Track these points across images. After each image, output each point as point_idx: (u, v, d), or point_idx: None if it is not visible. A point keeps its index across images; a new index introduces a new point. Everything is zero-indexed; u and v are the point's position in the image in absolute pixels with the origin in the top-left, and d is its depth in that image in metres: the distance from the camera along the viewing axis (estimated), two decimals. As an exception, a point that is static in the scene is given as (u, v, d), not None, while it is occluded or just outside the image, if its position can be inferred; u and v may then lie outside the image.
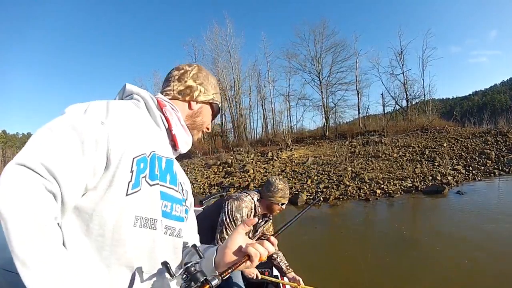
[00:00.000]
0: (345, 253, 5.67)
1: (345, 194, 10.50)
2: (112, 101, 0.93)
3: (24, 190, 0.67)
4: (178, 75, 1.17)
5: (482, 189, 9.87)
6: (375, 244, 5.96)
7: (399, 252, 5.48)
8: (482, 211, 7.57)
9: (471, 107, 34.80)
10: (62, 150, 0.74)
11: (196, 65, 1.22)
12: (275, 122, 30.69)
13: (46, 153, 0.72)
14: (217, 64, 31.14)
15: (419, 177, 11.42)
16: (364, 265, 4.93)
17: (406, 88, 26.14)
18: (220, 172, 18.18)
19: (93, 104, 0.88)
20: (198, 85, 1.18)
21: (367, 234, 6.85)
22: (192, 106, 1.18)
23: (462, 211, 7.73)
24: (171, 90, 1.15)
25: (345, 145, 19.46)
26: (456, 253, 5.18)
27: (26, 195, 0.66)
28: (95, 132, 0.80)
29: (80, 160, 0.76)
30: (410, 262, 4.99)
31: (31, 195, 0.67)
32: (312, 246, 6.26)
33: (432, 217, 7.78)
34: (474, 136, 17.05)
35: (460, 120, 22.88)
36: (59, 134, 0.76)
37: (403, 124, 23.26)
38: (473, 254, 5.07)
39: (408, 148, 16.49)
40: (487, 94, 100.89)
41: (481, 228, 6.33)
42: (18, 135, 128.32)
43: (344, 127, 26.94)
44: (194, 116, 1.20)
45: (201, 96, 1.19)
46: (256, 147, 24.47)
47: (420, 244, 5.70)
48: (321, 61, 28.26)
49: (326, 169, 14.39)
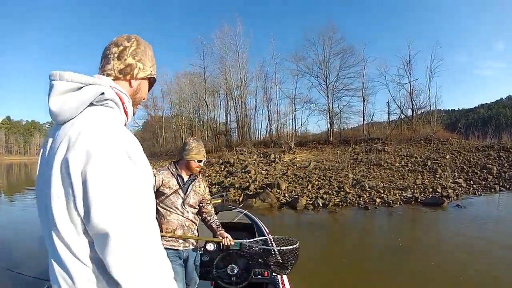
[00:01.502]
0: (343, 260, 5.72)
1: (344, 201, 10.54)
2: (127, 143, 0.92)
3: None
4: (117, 53, 1.14)
5: (482, 204, 9.89)
6: (370, 254, 6.00)
7: (394, 263, 5.50)
8: (480, 227, 7.61)
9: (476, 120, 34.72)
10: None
11: (135, 39, 1.18)
12: (280, 124, 30.71)
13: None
14: (224, 63, 31.25)
15: (420, 188, 11.46)
16: (359, 274, 5.00)
17: (412, 98, 26.18)
18: (222, 171, 18.25)
19: (131, 151, 0.91)
20: (137, 61, 1.16)
21: (363, 243, 6.88)
22: (132, 84, 1.17)
23: (460, 226, 7.74)
24: (112, 70, 1.13)
25: (348, 151, 19.49)
26: (451, 269, 5.21)
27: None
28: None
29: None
30: (404, 275, 5.02)
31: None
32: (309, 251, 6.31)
33: (430, 230, 7.81)
34: (477, 150, 17.06)
35: (464, 133, 22.90)
36: (133, 201, 0.88)
37: (407, 134, 23.29)
38: (468, 271, 5.08)
39: (411, 158, 16.52)
40: (493, 107, 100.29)
41: (478, 245, 6.32)
42: (22, 122, 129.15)
43: (348, 133, 26.98)
44: (134, 93, 1.20)
45: (140, 73, 1.17)
46: (259, 148, 24.54)
47: (416, 257, 5.71)
48: (328, 66, 28.29)
49: (328, 174, 14.44)
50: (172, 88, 39.22)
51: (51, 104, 0.93)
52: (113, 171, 0.85)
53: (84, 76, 0.97)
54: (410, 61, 26.54)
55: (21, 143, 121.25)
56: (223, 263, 2.76)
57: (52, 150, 0.92)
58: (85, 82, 0.96)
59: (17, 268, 4.14)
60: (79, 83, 0.95)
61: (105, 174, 0.84)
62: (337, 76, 28.30)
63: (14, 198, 14.94)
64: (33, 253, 5.98)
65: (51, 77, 0.95)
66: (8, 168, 47.54)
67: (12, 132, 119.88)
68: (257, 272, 2.80)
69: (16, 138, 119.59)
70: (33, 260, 5.58)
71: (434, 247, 6.22)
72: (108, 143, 0.87)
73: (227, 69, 30.74)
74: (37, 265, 5.30)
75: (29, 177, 32.61)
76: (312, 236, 7.34)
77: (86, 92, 0.95)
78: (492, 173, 12.91)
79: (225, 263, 2.75)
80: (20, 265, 5.23)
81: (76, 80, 0.95)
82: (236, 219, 4.35)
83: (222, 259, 2.77)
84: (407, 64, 26.57)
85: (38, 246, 6.32)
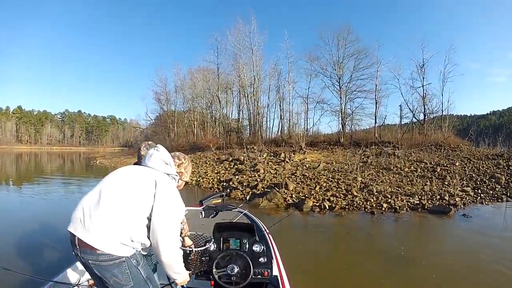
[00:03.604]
0: (343, 266, 5.83)
1: (351, 205, 10.63)
2: (177, 192, 2.17)
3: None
4: (178, 163, 2.41)
5: (489, 214, 9.85)
6: (373, 260, 6.05)
7: (395, 271, 5.53)
8: (486, 238, 7.55)
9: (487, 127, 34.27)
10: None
11: (187, 161, 2.52)
12: (292, 123, 30.79)
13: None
14: (238, 60, 31.42)
15: (427, 195, 11.49)
16: (359, 280, 5.13)
17: (424, 102, 26.07)
18: (231, 169, 18.50)
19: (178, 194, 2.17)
20: (186, 173, 2.50)
21: (366, 249, 6.94)
22: (182, 178, 2.46)
23: (466, 237, 7.73)
24: (176, 171, 2.33)
25: (358, 154, 19.55)
26: (452, 281, 5.19)
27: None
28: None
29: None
30: (404, 283, 5.08)
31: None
32: (310, 253, 6.44)
33: (434, 239, 7.83)
34: (487, 158, 17.00)
35: (475, 140, 22.71)
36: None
37: (418, 138, 23.24)
38: (471, 284, 5.08)
39: (420, 164, 16.54)
40: (504, 115, 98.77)
41: (482, 258, 6.19)
42: (34, 112, 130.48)
43: (359, 135, 26.98)
44: (178, 186, 2.40)
45: (183, 177, 2.48)
46: (270, 146, 24.69)
47: (418, 267, 5.69)
48: (342, 67, 28.34)
49: (336, 176, 14.55)
50: (186, 83, 39.56)
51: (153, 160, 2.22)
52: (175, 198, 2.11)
53: (172, 169, 2.27)
54: (424, 65, 26.39)
55: (31, 132, 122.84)
56: (223, 263, 2.83)
57: (141, 174, 2.09)
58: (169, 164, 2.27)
59: (15, 267, 4.25)
60: (168, 165, 2.24)
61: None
62: (351, 77, 28.36)
63: (13, 195, 14.81)
64: (32, 252, 6.07)
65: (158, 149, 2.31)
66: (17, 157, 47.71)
67: (23, 121, 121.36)
68: (257, 272, 2.82)
69: (27, 127, 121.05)
70: (32, 258, 5.70)
71: (436, 257, 6.19)
72: (173, 188, 2.13)
73: (241, 66, 30.90)
74: (36, 264, 5.42)
75: (39, 166, 33.11)
76: (315, 239, 7.45)
77: (170, 170, 2.23)
78: (500, 182, 12.87)
79: (225, 263, 2.82)
80: (18, 264, 5.33)
81: (170, 164, 2.28)
82: (236, 219, 4.41)
83: (222, 259, 2.85)
84: (421, 68, 26.49)
85: (38, 245, 6.45)
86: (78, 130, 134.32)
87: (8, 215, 9.70)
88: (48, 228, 7.58)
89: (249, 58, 31.00)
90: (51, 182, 18.41)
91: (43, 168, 31.17)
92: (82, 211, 1.88)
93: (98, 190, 1.96)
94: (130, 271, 1.92)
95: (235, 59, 31.96)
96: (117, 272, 1.88)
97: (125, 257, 1.90)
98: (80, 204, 1.93)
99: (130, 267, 1.93)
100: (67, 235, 1.92)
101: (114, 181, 2.02)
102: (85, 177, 22.87)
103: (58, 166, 33.97)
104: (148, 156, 2.22)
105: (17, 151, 77.18)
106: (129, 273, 1.92)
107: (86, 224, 1.84)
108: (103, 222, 1.83)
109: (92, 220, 1.84)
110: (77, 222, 1.87)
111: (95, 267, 1.87)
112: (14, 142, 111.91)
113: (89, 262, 1.87)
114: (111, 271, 1.87)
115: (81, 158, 49.93)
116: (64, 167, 33.29)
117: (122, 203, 1.90)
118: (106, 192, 1.93)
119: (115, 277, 1.89)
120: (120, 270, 1.89)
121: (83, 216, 1.86)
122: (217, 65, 34.94)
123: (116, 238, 1.85)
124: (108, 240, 1.83)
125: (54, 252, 6.01)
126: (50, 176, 22.51)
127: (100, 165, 33.44)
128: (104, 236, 1.83)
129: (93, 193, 1.96)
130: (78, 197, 11.69)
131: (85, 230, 1.83)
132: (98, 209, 1.86)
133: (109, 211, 1.86)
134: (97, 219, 1.84)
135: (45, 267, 5.32)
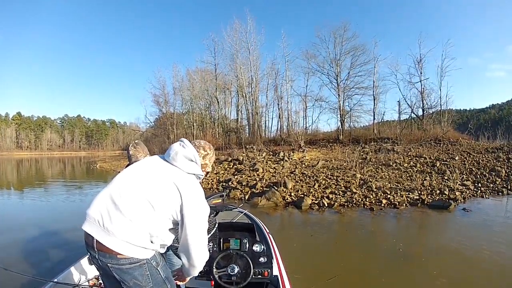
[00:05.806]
0: (341, 264, 5.77)
1: (350, 202, 10.60)
2: (202, 190, 2.05)
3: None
4: (203, 155, 2.20)
5: (489, 208, 9.79)
6: (372, 257, 6.01)
7: (395, 268, 5.49)
8: (487, 233, 7.47)
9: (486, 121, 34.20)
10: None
11: (212, 150, 2.31)
12: (291, 122, 30.78)
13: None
14: (235, 60, 31.39)
15: (427, 190, 11.46)
16: (358, 278, 5.08)
17: (423, 97, 26.04)
18: (230, 169, 18.45)
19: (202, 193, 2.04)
20: (210, 163, 2.29)
21: (366, 245, 6.88)
22: (205, 170, 2.27)
23: (466, 231, 7.65)
24: (200, 163, 2.16)
25: (357, 151, 19.50)
26: (453, 277, 5.07)
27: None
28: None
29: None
30: (403, 281, 5.01)
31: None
32: (309, 251, 6.40)
33: (434, 234, 7.78)
34: (486, 152, 16.96)
35: (474, 134, 22.66)
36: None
37: (417, 133, 23.19)
38: (471, 283, 4.96)
39: (420, 159, 16.50)
40: (504, 108, 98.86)
41: (483, 253, 6.08)
42: (33, 118, 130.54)
43: (358, 132, 27.00)
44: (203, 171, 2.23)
45: (207, 169, 2.28)
46: (269, 146, 24.68)
47: (417, 263, 5.63)
48: (339, 64, 28.35)
49: (335, 174, 14.52)
50: (184, 84, 39.54)
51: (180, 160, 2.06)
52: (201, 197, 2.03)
53: (198, 168, 2.12)
54: (421, 60, 26.34)
55: (31, 138, 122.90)
56: (223, 263, 2.84)
57: (162, 174, 1.95)
58: (195, 161, 2.12)
59: (16, 267, 4.26)
60: (194, 162, 2.10)
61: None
62: (348, 74, 28.38)
63: (15, 197, 14.97)
64: (32, 252, 6.06)
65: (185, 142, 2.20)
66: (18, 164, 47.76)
67: (22, 127, 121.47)
68: (257, 272, 2.83)
69: (26, 133, 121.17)
70: (32, 259, 5.69)
71: (437, 253, 6.12)
72: (199, 190, 2.01)
73: (238, 66, 30.89)
74: (36, 265, 5.43)
75: (40, 172, 33.05)
76: (313, 237, 7.38)
77: (196, 170, 2.09)
78: (501, 176, 12.84)
79: (225, 263, 2.83)
80: (19, 265, 5.32)
81: (196, 161, 2.12)
82: (236, 219, 4.38)
83: (222, 259, 2.85)
84: (418, 63, 26.42)
85: (38, 246, 6.43)
86: (78, 135, 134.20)
87: (9, 218, 9.71)
88: (49, 230, 7.51)
89: (246, 58, 31.01)
90: (51, 186, 18.42)
91: (44, 173, 31.09)
92: (99, 212, 1.82)
93: (116, 190, 1.88)
94: (150, 273, 1.90)
95: (233, 59, 31.98)
96: (137, 275, 1.86)
97: (146, 259, 1.88)
98: (96, 203, 1.86)
99: (150, 268, 1.91)
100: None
101: (133, 180, 1.93)
102: (86, 180, 22.91)
103: (59, 171, 33.91)
104: (173, 153, 2.05)
105: (17, 157, 77.27)
106: (149, 275, 1.90)
107: (106, 227, 1.78)
108: (126, 226, 1.78)
109: (114, 224, 1.77)
110: (95, 223, 1.81)
111: (115, 270, 1.83)
112: (14, 148, 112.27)
113: (108, 265, 1.83)
114: (131, 274, 1.85)
115: (82, 163, 49.88)
116: (65, 171, 33.20)
117: (144, 205, 1.83)
118: (126, 193, 1.85)
119: (135, 279, 1.86)
120: (140, 272, 1.87)
121: (102, 218, 1.80)
122: (214, 66, 34.97)
123: (139, 242, 1.81)
124: (131, 244, 1.79)
125: (54, 253, 5.97)
126: (51, 180, 22.58)
127: (101, 169, 33.41)
128: (127, 241, 1.78)
129: (111, 192, 1.88)
130: (77, 199, 11.73)
131: (107, 234, 1.78)
132: (118, 211, 1.80)
133: (130, 214, 1.79)
134: (118, 223, 1.78)
135: (45, 267, 5.32)
